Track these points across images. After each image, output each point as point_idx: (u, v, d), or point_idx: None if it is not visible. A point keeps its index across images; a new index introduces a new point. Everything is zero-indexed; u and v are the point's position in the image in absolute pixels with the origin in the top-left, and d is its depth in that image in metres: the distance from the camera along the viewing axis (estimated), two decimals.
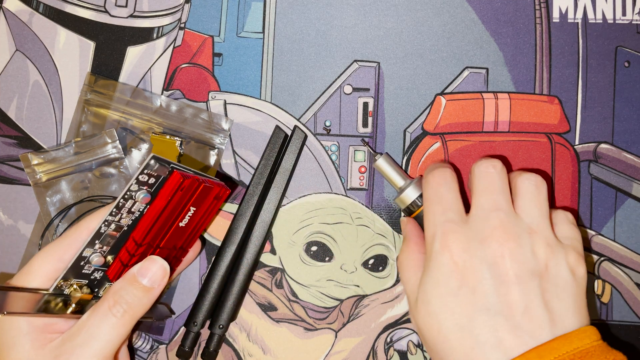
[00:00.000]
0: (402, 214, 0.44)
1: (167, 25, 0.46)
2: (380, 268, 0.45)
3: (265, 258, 0.46)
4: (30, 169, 0.44)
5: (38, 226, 0.45)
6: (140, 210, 0.34)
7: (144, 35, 0.46)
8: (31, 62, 0.46)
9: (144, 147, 0.45)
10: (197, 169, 0.36)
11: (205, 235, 0.45)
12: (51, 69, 0.46)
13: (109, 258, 0.35)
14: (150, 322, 0.44)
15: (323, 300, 0.45)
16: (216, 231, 0.45)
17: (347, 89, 0.46)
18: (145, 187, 0.33)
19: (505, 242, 0.34)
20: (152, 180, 0.33)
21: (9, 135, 0.46)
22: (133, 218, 0.34)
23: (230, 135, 0.46)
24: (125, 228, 0.34)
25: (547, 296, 0.34)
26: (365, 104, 0.46)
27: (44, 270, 0.34)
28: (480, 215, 0.35)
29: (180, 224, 0.36)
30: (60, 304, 0.34)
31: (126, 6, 0.46)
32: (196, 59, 0.46)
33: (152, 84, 0.46)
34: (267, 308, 0.45)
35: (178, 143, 0.44)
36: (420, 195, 0.42)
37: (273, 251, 0.46)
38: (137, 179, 0.32)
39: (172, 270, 0.38)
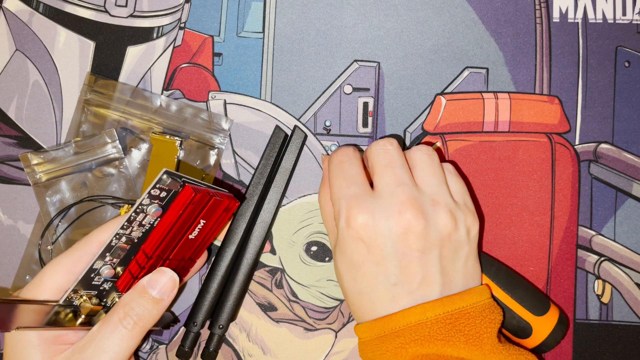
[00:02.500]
0: None
1: (167, 25, 0.46)
2: None
3: (265, 258, 0.46)
4: (30, 168, 0.44)
5: (38, 226, 0.45)
6: (151, 223, 0.34)
7: (144, 35, 0.46)
8: (31, 62, 0.46)
9: (144, 147, 0.45)
10: (196, 175, 0.36)
11: None
12: (51, 68, 0.46)
13: (119, 269, 0.35)
14: (156, 330, 0.44)
15: (323, 300, 0.45)
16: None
17: (347, 89, 0.46)
18: (157, 201, 0.34)
19: (413, 218, 0.35)
20: (163, 194, 0.34)
21: (9, 135, 0.46)
22: (143, 230, 0.34)
23: (230, 135, 0.46)
24: (136, 240, 0.35)
25: (444, 262, 0.36)
26: (365, 104, 0.46)
27: (54, 282, 0.35)
28: (386, 191, 0.37)
29: (190, 236, 0.37)
30: (70, 315, 0.34)
31: (126, 6, 0.46)
32: (196, 59, 0.46)
33: (152, 83, 0.46)
34: (267, 308, 0.45)
35: (178, 143, 0.44)
36: None
37: (273, 251, 0.46)
38: (149, 193, 0.33)
39: (181, 280, 0.38)
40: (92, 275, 0.34)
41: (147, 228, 0.34)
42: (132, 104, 0.45)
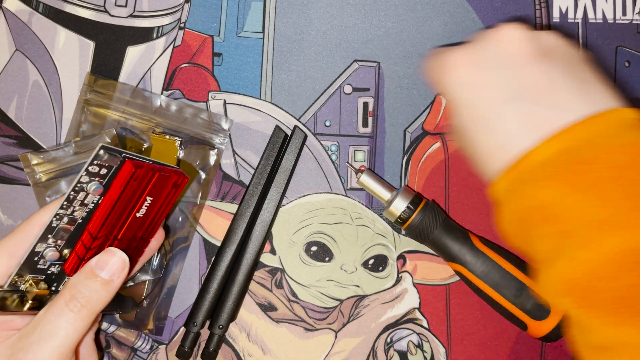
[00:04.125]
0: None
1: (167, 25, 0.46)
2: (380, 268, 0.45)
3: (265, 258, 0.45)
4: (30, 168, 0.44)
5: None
6: (95, 202, 0.33)
7: (143, 35, 0.46)
8: (31, 62, 0.46)
9: (144, 147, 0.45)
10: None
11: (205, 235, 0.45)
12: (51, 68, 0.46)
13: (65, 252, 0.34)
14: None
15: (323, 300, 0.45)
16: (216, 231, 0.45)
17: (347, 89, 0.46)
18: (97, 179, 0.32)
19: (512, 27, 0.33)
20: (103, 171, 0.32)
21: (9, 135, 0.46)
22: (87, 210, 0.33)
23: (230, 135, 0.46)
24: (80, 221, 0.33)
25: (568, 72, 0.32)
26: (365, 104, 0.46)
27: None
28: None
29: (138, 215, 0.35)
30: (17, 301, 0.33)
31: (126, 6, 0.46)
32: (196, 59, 0.46)
33: (152, 83, 0.46)
34: (267, 308, 0.45)
35: (178, 143, 0.44)
36: (411, 202, 0.42)
37: (273, 251, 0.45)
38: (86, 170, 0.31)
39: (134, 261, 0.37)
40: (35, 259, 0.33)
41: (91, 207, 0.33)
42: (132, 104, 0.45)
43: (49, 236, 0.33)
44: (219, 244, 0.45)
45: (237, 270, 0.43)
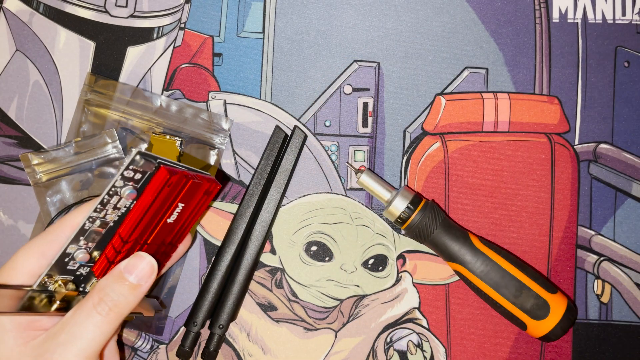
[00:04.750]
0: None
1: (167, 25, 0.46)
2: (380, 268, 0.45)
3: (265, 258, 0.46)
4: (31, 169, 0.44)
5: (38, 226, 0.45)
6: (127, 206, 0.33)
7: (144, 35, 0.46)
8: (31, 62, 0.46)
9: (144, 147, 0.45)
10: (198, 167, 0.35)
11: (206, 235, 0.46)
12: (51, 69, 0.46)
13: (95, 254, 0.34)
14: (142, 317, 0.44)
15: (323, 300, 0.45)
16: (216, 231, 0.45)
17: (347, 89, 0.46)
18: (131, 183, 0.32)
19: None
20: (138, 176, 0.32)
21: (9, 135, 0.46)
22: (119, 214, 0.33)
23: (230, 135, 0.46)
24: (112, 224, 0.34)
25: None
26: (365, 104, 0.46)
27: (27, 267, 0.34)
28: None
29: (168, 220, 0.35)
30: (45, 301, 0.33)
31: (126, 6, 0.46)
32: (196, 59, 0.46)
33: (152, 84, 0.46)
34: (267, 308, 0.45)
35: (178, 143, 0.44)
36: (411, 202, 0.42)
37: (273, 251, 0.46)
38: (122, 174, 0.32)
39: (161, 265, 0.37)
40: (66, 260, 0.33)
41: (123, 211, 0.33)
42: (133, 104, 0.45)
43: (81, 238, 0.33)
44: (219, 243, 0.45)
45: (237, 270, 0.43)
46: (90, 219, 0.33)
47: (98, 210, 0.32)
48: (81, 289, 0.35)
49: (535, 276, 0.42)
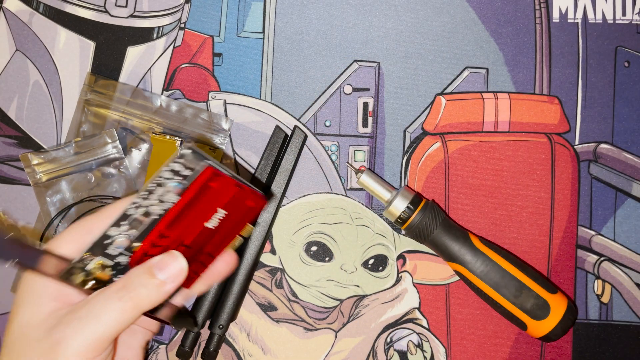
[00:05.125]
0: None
1: (167, 25, 0.46)
2: (380, 268, 0.45)
3: (265, 258, 0.46)
4: (30, 169, 0.44)
5: (38, 226, 0.45)
6: (172, 201, 0.34)
7: (144, 35, 0.46)
8: (31, 62, 0.46)
9: (144, 147, 0.45)
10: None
11: None
12: (51, 69, 0.46)
13: (135, 244, 0.34)
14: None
15: (323, 300, 0.45)
16: None
17: (347, 89, 0.46)
18: (178, 177, 0.33)
19: None
20: (186, 172, 0.33)
21: (9, 135, 0.46)
22: (164, 208, 0.34)
23: (230, 135, 0.46)
24: (155, 217, 0.34)
25: None
26: (365, 104, 0.46)
27: (74, 240, 0.34)
28: None
29: (208, 225, 0.35)
30: (82, 278, 0.34)
31: (126, 6, 0.46)
32: (196, 59, 0.46)
33: (152, 84, 0.46)
34: (267, 308, 0.45)
35: (178, 143, 0.44)
36: (411, 202, 0.42)
37: (273, 251, 0.46)
38: (170, 166, 0.32)
39: (196, 275, 0.37)
40: (106, 242, 0.34)
41: (167, 207, 0.34)
42: (133, 104, 0.45)
43: (122, 223, 0.33)
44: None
45: (237, 270, 0.43)
46: (135, 205, 0.33)
47: (143, 197, 0.33)
48: (115, 279, 0.35)
49: (536, 276, 0.42)
